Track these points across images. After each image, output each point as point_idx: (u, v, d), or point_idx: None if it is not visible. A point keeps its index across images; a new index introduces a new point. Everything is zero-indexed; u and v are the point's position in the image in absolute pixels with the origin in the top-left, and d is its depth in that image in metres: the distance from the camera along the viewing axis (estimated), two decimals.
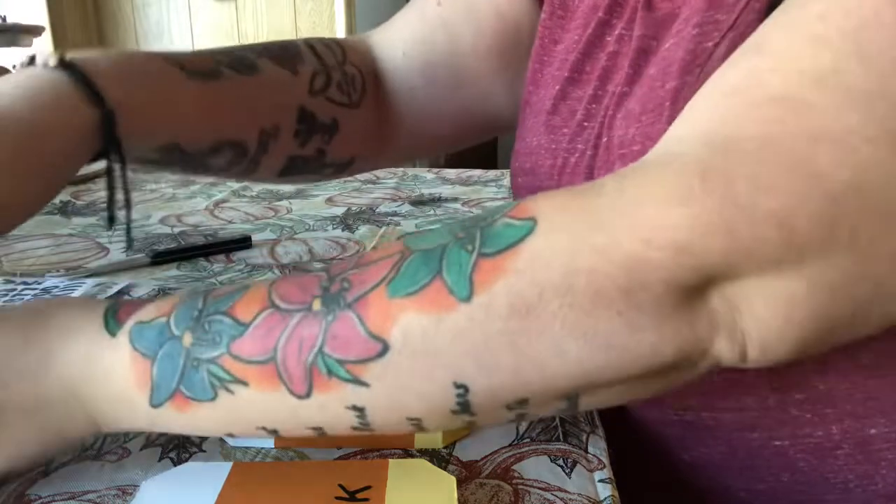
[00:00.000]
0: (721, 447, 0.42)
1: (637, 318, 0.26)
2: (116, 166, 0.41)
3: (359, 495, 0.31)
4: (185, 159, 0.47)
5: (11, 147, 0.36)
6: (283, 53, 0.53)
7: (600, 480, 0.35)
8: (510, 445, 0.38)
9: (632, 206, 0.27)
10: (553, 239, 0.27)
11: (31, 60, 0.41)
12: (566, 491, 0.34)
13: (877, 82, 0.26)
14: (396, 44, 0.59)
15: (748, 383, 0.40)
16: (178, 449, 0.37)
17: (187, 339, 0.30)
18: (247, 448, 0.37)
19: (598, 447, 0.38)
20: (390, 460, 0.34)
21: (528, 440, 0.38)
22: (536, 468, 0.36)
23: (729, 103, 0.29)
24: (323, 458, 0.37)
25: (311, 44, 0.55)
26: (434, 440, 0.37)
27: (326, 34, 2.06)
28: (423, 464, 0.34)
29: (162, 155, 0.46)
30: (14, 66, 0.41)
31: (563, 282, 0.26)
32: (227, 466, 0.33)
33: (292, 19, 2.61)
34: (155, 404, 0.31)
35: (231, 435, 0.32)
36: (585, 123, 0.44)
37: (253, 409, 0.30)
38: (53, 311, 0.33)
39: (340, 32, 2.47)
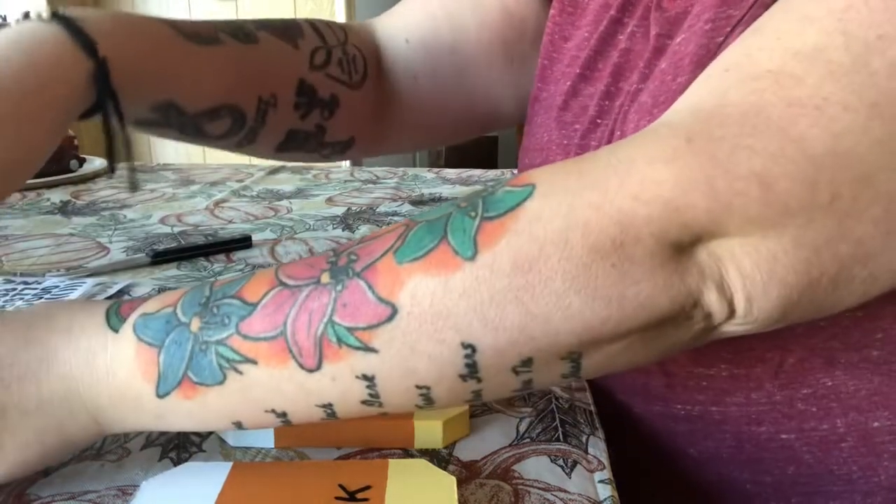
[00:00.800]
0: (729, 441, 0.43)
1: (630, 270, 0.28)
2: (112, 115, 0.42)
3: (359, 495, 0.31)
4: (183, 122, 0.48)
5: (14, 96, 0.37)
6: (283, 28, 0.53)
7: (600, 481, 0.35)
8: (510, 445, 0.38)
9: (623, 166, 0.28)
10: (551, 199, 0.28)
11: (26, 16, 0.41)
12: (566, 491, 0.34)
13: (857, 57, 0.28)
14: (400, 31, 0.59)
15: (756, 378, 0.41)
16: (178, 449, 0.37)
17: (195, 324, 0.31)
18: (247, 448, 0.37)
19: (598, 448, 0.38)
20: (390, 460, 0.34)
21: (528, 440, 0.38)
22: (536, 468, 0.36)
23: (720, 79, 0.31)
24: (323, 457, 0.37)
25: (312, 22, 0.55)
26: (434, 440, 0.37)
27: None
28: (423, 464, 0.34)
29: (158, 115, 0.46)
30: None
31: (561, 237, 0.27)
32: (227, 466, 0.33)
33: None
34: (162, 394, 0.31)
35: (239, 424, 0.32)
36: (599, 120, 0.45)
37: (262, 389, 0.30)
38: (55, 312, 0.33)
39: None
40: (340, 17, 2.54)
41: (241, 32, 0.50)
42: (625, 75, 0.44)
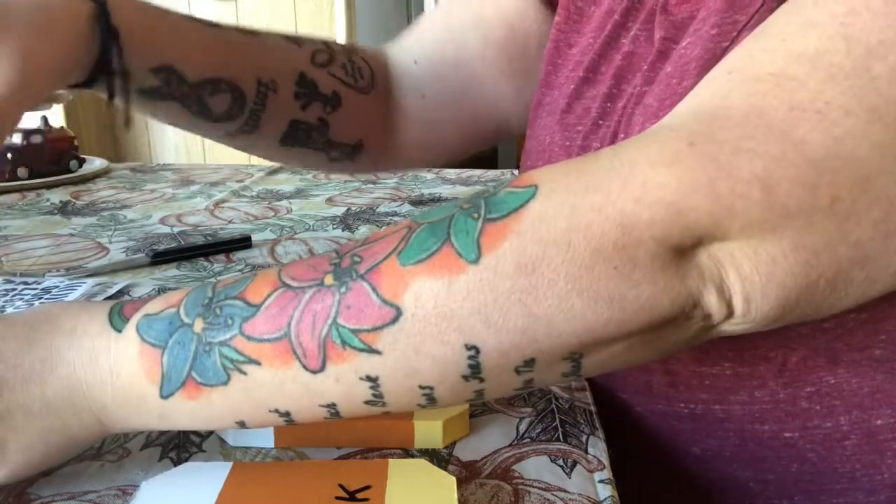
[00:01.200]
0: (732, 439, 0.43)
1: (632, 272, 0.28)
2: (114, 54, 0.44)
3: (359, 495, 0.31)
4: (184, 91, 0.49)
5: (44, 9, 0.40)
6: (287, 33, 0.55)
7: (600, 481, 0.35)
8: (510, 445, 0.38)
9: (626, 168, 0.28)
10: (553, 200, 0.28)
11: None
12: (566, 491, 0.34)
13: (859, 62, 0.28)
14: (409, 53, 0.61)
15: (759, 377, 0.41)
16: (178, 449, 0.37)
17: (198, 325, 0.31)
18: (247, 448, 0.37)
19: (598, 448, 0.38)
20: (390, 460, 0.34)
21: (528, 440, 0.38)
22: (536, 468, 0.36)
23: (723, 81, 0.31)
24: (323, 457, 0.37)
25: (321, 38, 0.57)
26: (434, 440, 0.37)
27: (326, 35, 2.05)
28: (423, 464, 0.34)
29: (160, 80, 0.47)
30: None
31: (564, 238, 0.28)
32: (227, 466, 0.33)
33: (292, 20, 2.61)
34: (165, 395, 0.31)
35: (242, 423, 0.32)
36: (601, 122, 0.45)
37: (266, 389, 0.30)
38: (58, 313, 0.34)
39: (340, 33, 2.47)
40: (340, 17, 2.54)
41: (244, 27, 0.52)
42: (627, 78, 0.44)
